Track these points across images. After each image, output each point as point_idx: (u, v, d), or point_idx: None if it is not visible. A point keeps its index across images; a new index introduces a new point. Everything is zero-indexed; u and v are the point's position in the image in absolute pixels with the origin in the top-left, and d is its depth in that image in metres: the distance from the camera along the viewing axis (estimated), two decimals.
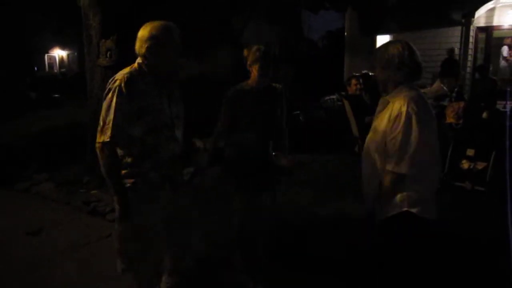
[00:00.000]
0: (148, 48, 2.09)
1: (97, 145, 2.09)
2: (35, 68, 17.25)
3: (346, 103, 5.11)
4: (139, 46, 2.12)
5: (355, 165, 2.33)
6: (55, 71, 18.62)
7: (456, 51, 9.68)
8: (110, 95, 2.05)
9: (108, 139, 2.03)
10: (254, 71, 2.66)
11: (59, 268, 3.19)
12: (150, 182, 2.17)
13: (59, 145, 6.27)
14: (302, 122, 6.63)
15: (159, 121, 2.13)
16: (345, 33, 11.63)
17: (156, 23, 2.12)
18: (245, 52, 2.70)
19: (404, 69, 2.00)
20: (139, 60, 2.17)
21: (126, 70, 2.13)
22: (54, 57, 19.13)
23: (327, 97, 8.14)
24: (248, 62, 2.68)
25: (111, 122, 2.02)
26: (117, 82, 2.04)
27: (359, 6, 10.22)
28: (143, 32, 2.10)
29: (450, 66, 8.48)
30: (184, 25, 2.31)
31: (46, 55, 18.79)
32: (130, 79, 2.06)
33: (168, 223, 2.33)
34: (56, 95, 13.13)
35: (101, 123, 2.07)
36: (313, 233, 3.55)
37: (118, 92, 2.02)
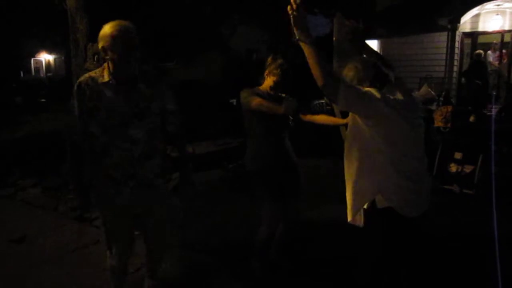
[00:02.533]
0: (102, 48, 2.11)
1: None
2: (21, 73, 17.02)
3: (335, 107, 5.12)
4: (98, 46, 2.16)
5: None
6: (42, 75, 18.38)
7: (443, 56, 9.82)
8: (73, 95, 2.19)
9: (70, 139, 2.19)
10: (269, 81, 2.74)
11: (45, 276, 3.11)
12: (111, 179, 2.19)
13: (45, 150, 6.17)
14: (292, 127, 6.63)
15: (111, 120, 2.13)
16: (334, 39, 11.72)
17: (109, 23, 2.14)
18: (269, 60, 2.75)
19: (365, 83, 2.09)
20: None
21: (86, 73, 2.24)
22: (41, 61, 18.89)
23: (316, 102, 8.18)
24: (267, 71, 2.74)
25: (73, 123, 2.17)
26: (75, 85, 2.18)
27: (347, 12, 10.29)
28: (101, 32, 2.13)
29: (479, 68, 8.67)
30: (174, 31, 2.31)
31: (32, 59, 18.55)
32: (82, 81, 2.16)
33: (142, 223, 2.38)
34: (43, 100, 12.96)
35: None
36: (305, 237, 3.54)
37: (72, 93, 2.16)
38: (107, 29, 2.10)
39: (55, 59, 18.97)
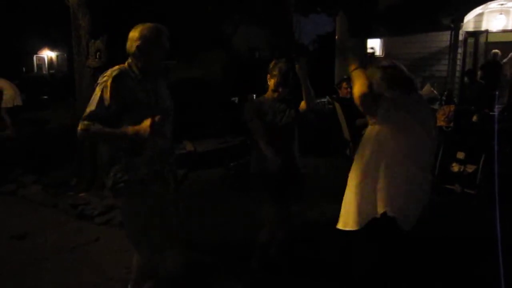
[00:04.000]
0: (137, 47, 2.20)
1: (78, 132, 2.19)
2: (23, 70, 17.03)
3: (337, 106, 5.11)
4: (129, 45, 2.23)
5: (346, 168, 2.31)
6: (44, 72, 18.39)
7: (446, 55, 9.79)
8: (97, 88, 2.17)
9: (84, 127, 2.13)
10: (271, 84, 2.78)
11: (46, 273, 3.11)
12: (142, 177, 2.24)
13: (46, 147, 6.17)
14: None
15: (146, 117, 2.16)
16: (336, 37, 11.68)
17: (146, 24, 2.23)
18: (271, 64, 2.79)
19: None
20: (129, 60, 2.27)
21: (116, 67, 2.23)
22: (43, 58, 18.90)
23: (318, 100, 8.16)
24: (268, 75, 2.79)
25: (91, 112, 2.13)
26: (105, 78, 2.17)
27: (350, 10, 10.26)
28: (134, 32, 2.23)
29: (493, 67, 8.67)
30: (175, 29, 2.35)
31: (35, 56, 18.56)
32: (118, 76, 2.17)
33: (159, 219, 2.38)
34: (45, 97, 12.96)
35: (84, 113, 2.19)
36: (305, 237, 3.53)
37: (103, 86, 2.14)
38: (144, 30, 2.20)
39: (57, 56, 18.98)
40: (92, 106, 2.15)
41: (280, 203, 2.80)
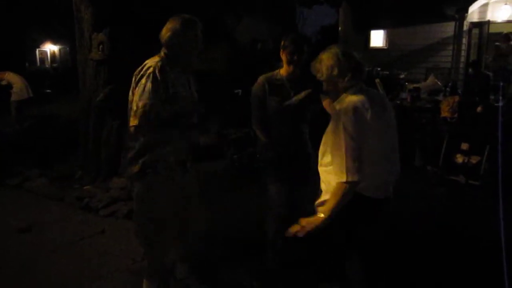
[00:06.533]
0: (167, 38, 2.21)
1: (130, 128, 2.18)
2: (26, 64, 17.03)
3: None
4: (165, 36, 2.24)
5: None
6: (47, 66, 18.37)
7: (450, 46, 9.73)
8: (143, 80, 2.14)
9: (144, 123, 2.10)
10: (284, 59, 2.66)
11: (53, 265, 3.14)
12: (169, 166, 2.29)
13: (51, 141, 6.19)
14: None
15: (185, 108, 2.25)
16: (339, 28, 11.61)
17: (180, 16, 2.25)
18: (283, 40, 2.68)
19: (347, 74, 2.01)
20: (164, 50, 2.28)
21: (156, 58, 2.24)
22: (46, 52, 18.86)
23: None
24: (281, 50, 2.66)
25: (148, 106, 2.09)
26: (151, 69, 2.15)
27: (353, 1, 10.19)
28: (170, 23, 2.24)
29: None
30: None
31: (37, 50, 18.53)
32: (163, 67, 2.18)
33: (181, 207, 2.44)
34: (48, 91, 12.96)
35: (134, 107, 2.14)
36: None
37: (152, 78, 2.13)
38: (175, 22, 2.22)
39: (60, 50, 18.93)
40: (145, 99, 2.10)
41: (284, 185, 2.70)
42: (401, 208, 4.13)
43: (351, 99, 1.99)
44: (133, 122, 2.13)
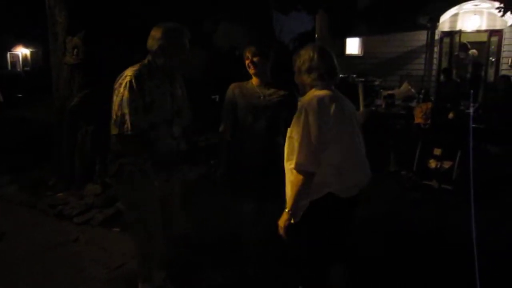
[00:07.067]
0: (159, 46, 2.22)
1: (113, 138, 2.22)
2: None
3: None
4: (151, 43, 2.26)
5: None
6: (18, 69, 17.90)
7: (423, 54, 10.00)
8: (121, 89, 2.15)
9: (129, 132, 2.13)
10: (248, 68, 2.67)
11: (25, 273, 3.05)
12: (145, 172, 2.29)
13: (22, 146, 6.02)
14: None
15: (161, 117, 2.24)
16: (316, 36, 11.78)
17: (169, 24, 2.27)
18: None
19: (314, 72, 2.04)
20: (149, 57, 2.29)
21: (136, 66, 2.24)
22: (18, 55, 18.40)
23: (300, 97, 8.22)
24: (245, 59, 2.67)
25: (127, 116, 2.12)
26: (128, 78, 2.16)
27: (330, 9, 10.36)
28: (157, 31, 2.25)
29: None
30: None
31: (8, 53, 18.05)
32: (139, 75, 2.18)
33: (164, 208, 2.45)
34: (20, 95, 12.62)
35: (114, 116, 2.17)
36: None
37: (129, 87, 2.13)
38: (167, 29, 2.24)
39: (32, 53, 18.50)
40: (124, 109, 2.12)
41: (255, 201, 2.70)
42: (376, 211, 4.21)
43: (317, 93, 2.02)
44: (113, 131, 2.17)
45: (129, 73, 2.19)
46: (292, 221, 2.02)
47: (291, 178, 2.01)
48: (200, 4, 8.70)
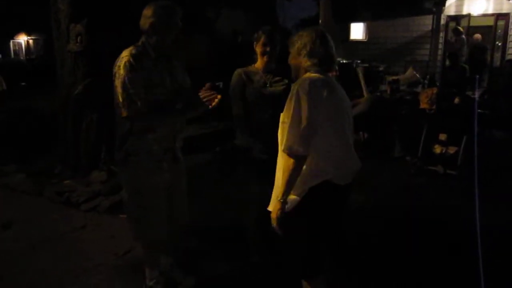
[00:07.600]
0: (150, 25, 2.19)
1: (123, 120, 2.20)
2: (0, 55, 16.54)
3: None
4: (143, 22, 2.23)
5: None
6: (21, 58, 17.88)
7: (428, 39, 9.89)
8: (121, 71, 2.13)
9: (140, 109, 2.12)
10: (258, 50, 2.69)
11: (34, 261, 3.09)
12: (153, 155, 2.28)
13: (27, 135, 6.04)
14: None
15: (161, 96, 2.22)
16: (319, 21, 11.66)
17: (160, 2, 2.23)
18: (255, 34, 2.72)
19: (314, 57, 1.99)
20: (142, 38, 2.26)
21: (131, 47, 2.21)
22: (20, 44, 18.36)
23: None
24: (255, 42, 2.69)
25: (134, 95, 2.11)
26: (125, 58, 2.14)
27: None
28: (148, 10, 2.22)
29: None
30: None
31: (11, 41, 18.01)
32: (136, 55, 2.16)
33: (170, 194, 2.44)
34: (23, 83, 12.62)
35: (120, 99, 2.14)
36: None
37: (129, 66, 2.12)
38: (158, 8, 2.20)
39: (35, 41, 18.44)
40: (130, 89, 2.11)
41: (268, 185, 2.75)
42: (381, 198, 4.22)
43: (311, 76, 1.98)
44: (123, 113, 2.15)
45: (125, 54, 2.17)
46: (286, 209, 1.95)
47: (282, 162, 1.96)
48: None
